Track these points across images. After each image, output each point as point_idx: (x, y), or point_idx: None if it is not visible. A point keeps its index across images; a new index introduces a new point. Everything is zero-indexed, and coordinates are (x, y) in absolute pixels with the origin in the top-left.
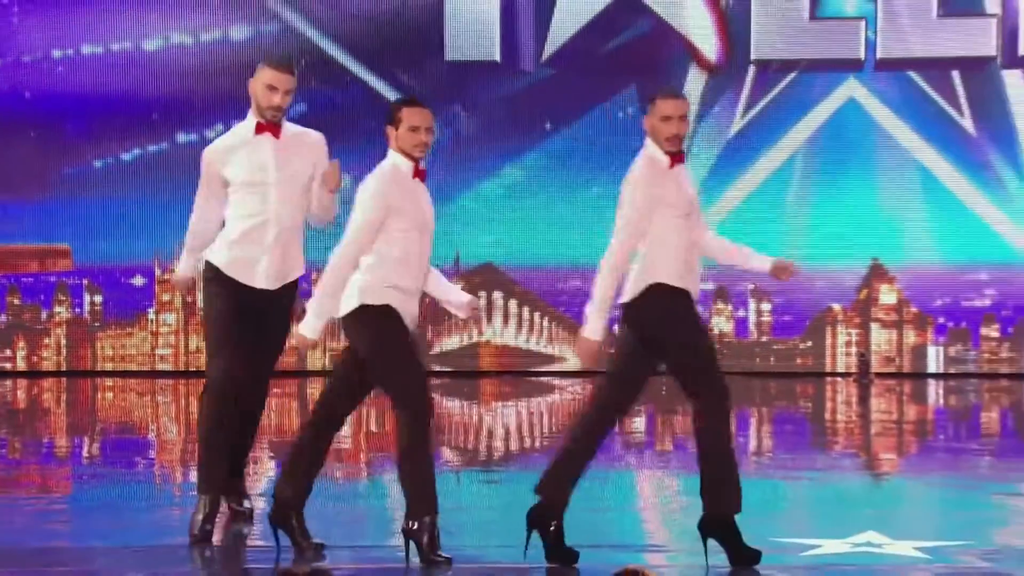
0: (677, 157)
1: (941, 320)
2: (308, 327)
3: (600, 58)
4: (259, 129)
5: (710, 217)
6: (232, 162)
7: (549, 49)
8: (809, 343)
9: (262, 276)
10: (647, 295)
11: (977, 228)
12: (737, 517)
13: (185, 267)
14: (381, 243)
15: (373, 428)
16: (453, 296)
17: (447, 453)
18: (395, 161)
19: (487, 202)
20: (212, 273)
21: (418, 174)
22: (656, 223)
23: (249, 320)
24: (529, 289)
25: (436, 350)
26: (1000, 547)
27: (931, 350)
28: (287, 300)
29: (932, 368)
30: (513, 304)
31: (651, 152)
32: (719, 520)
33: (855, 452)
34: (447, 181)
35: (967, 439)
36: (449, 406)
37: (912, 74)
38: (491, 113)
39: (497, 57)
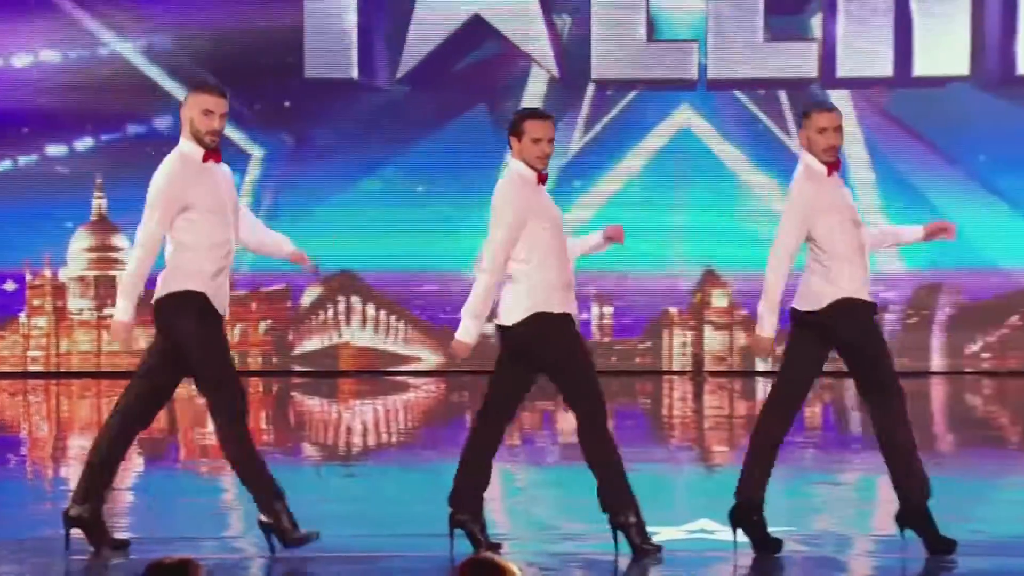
0: (833, 166)
1: None
2: (469, 333)
3: (452, 76)
4: (206, 157)
5: None
6: (195, 188)
7: (404, 68)
8: (648, 344)
9: (226, 305)
10: (837, 307)
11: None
12: (572, 503)
13: (129, 312)
14: (525, 248)
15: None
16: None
17: (308, 449)
18: (519, 170)
19: (345, 212)
20: (199, 303)
21: (541, 180)
22: (821, 228)
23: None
24: (385, 293)
25: (297, 351)
26: (820, 532)
27: None
28: None
29: (760, 366)
30: (371, 308)
31: (808, 162)
32: (914, 510)
33: (690, 445)
34: (307, 192)
35: (792, 432)
36: (310, 404)
37: (742, 96)
38: (349, 127)
39: (355, 75)
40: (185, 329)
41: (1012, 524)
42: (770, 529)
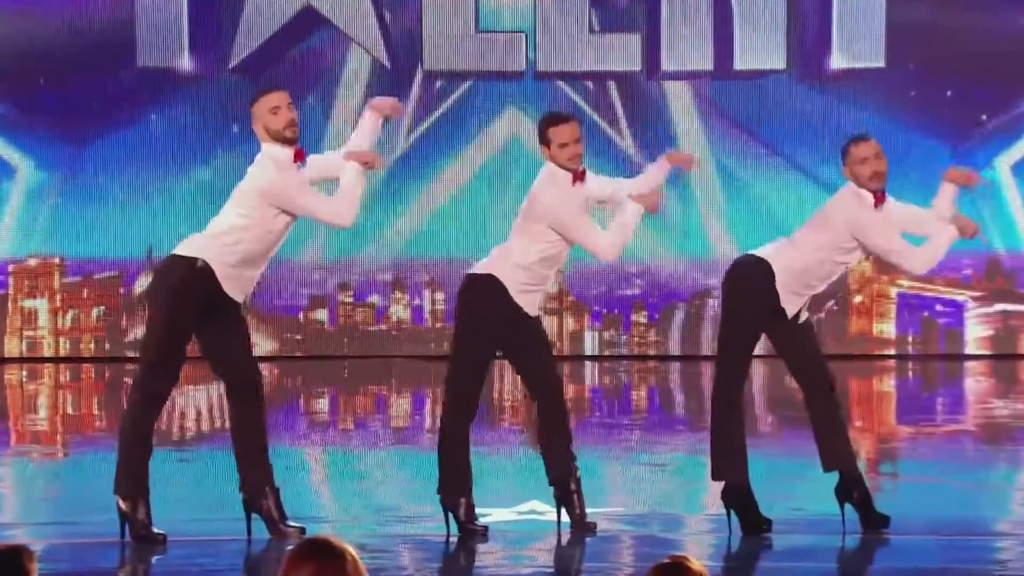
0: (880, 198)
1: (596, 308)
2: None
3: (285, 66)
4: (295, 157)
5: (395, 237)
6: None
7: (236, 57)
8: None
9: (248, 293)
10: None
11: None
12: (417, 488)
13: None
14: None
15: (70, 411)
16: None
17: None
18: (553, 171)
19: (178, 200)
20: (201, 276)
21: (578, 178)
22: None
23: (220, 322)
24: None
25: (130, 337)
26: (645, 512)
27: (588, 335)
28: None
29: (589, 351)
30: None
31: (854, 190)
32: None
33: (520, 428)
34: (143, 182)
35: (619, 414)
36: None
37: (570, 88)
38: (182, 116)
39: (187, 64)
40: (162, 298)
41: (828, 502)
42: (596, 509)
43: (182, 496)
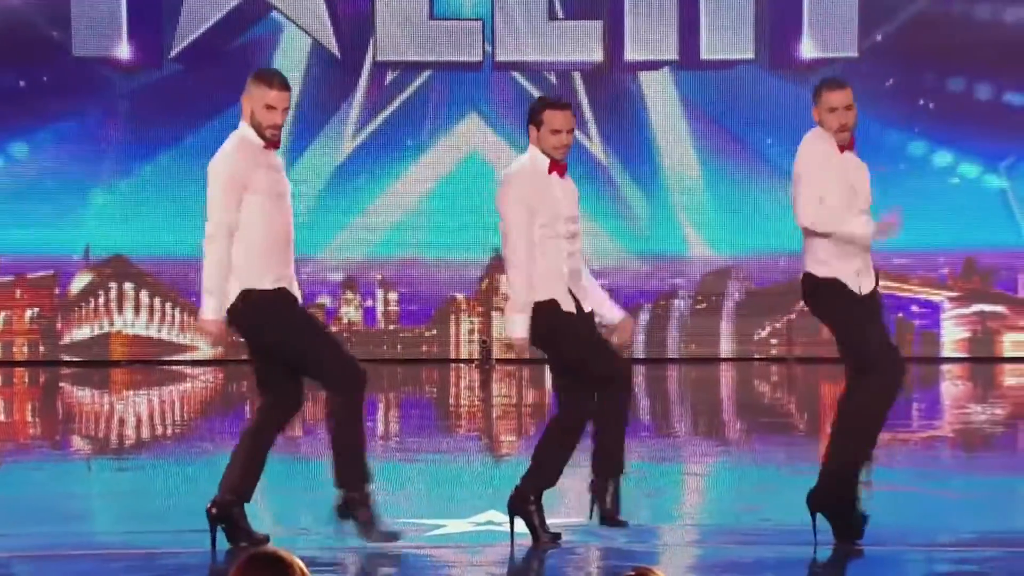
0: (845, 147)
1: None
2: (520, 327)
3: (228, 55)
4: (266, 145)
5: (346, 235)
6: (254, 171)
7: (177, 46)
8: (434, 331)
9: (296, 288)
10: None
11: (590, 229)
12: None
13: (219, 310)
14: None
15: (1, 417)
16: (605, 311)
17: (78, 442)
18: (533, 157)
19: (118, 197)
20: (269, 298)
21: (556, 169)
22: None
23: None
24: (160, 280)
25: (66, 340)
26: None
27: None
28: None
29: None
30: (144, 295)
31: (819, 132)
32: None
33: (477, 435)
34: (79, 176)
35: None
36: (80, 395)
37: (528, 79)
38: (122, 108)
39: (125, 53)
40: (264, 327)
41: (798, 512)
42: (558, 520)
43: (121, 508)
